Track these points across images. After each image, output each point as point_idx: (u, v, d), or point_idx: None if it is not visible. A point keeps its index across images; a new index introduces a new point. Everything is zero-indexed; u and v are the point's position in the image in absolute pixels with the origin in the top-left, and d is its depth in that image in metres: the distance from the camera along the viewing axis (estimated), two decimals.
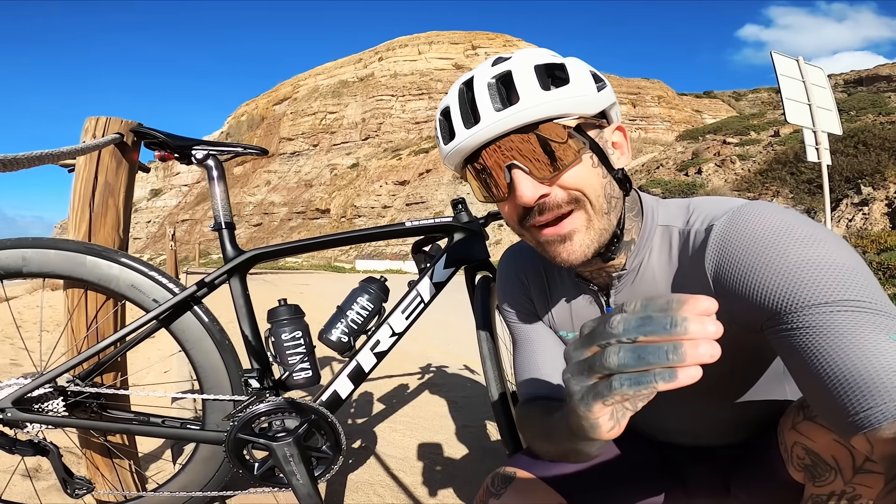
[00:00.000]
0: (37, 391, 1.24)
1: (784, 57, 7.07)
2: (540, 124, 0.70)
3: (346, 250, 37.44)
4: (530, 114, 0.69)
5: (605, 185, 0.75)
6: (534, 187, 0.71)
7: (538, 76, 0.71)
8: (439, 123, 0.80)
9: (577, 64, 0.74)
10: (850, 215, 13.88)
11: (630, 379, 0.43)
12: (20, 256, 1.27)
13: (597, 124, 0.76)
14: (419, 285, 1.48)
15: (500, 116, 0.70)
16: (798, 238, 0.64)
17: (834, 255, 0.61)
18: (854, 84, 43.11)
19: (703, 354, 0.39)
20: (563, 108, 0.70)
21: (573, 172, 0.72)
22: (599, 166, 0.75)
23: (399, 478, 1.91)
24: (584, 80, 0.73)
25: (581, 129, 0.73)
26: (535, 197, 0.71)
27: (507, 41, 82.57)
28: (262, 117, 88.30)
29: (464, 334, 5.19)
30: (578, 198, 0.73)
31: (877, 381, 0.51)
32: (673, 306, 0.41)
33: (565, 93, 0.70)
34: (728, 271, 0.69)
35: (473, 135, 0.72)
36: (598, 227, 0.74)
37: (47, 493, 1.68)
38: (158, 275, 1.35)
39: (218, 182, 1.43)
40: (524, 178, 0.71)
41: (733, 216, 0.71)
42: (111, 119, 1.43)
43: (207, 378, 1.38)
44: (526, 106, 0.69)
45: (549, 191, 0.72)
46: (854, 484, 0.66)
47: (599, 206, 0.74)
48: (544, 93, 0.70)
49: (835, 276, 0.59)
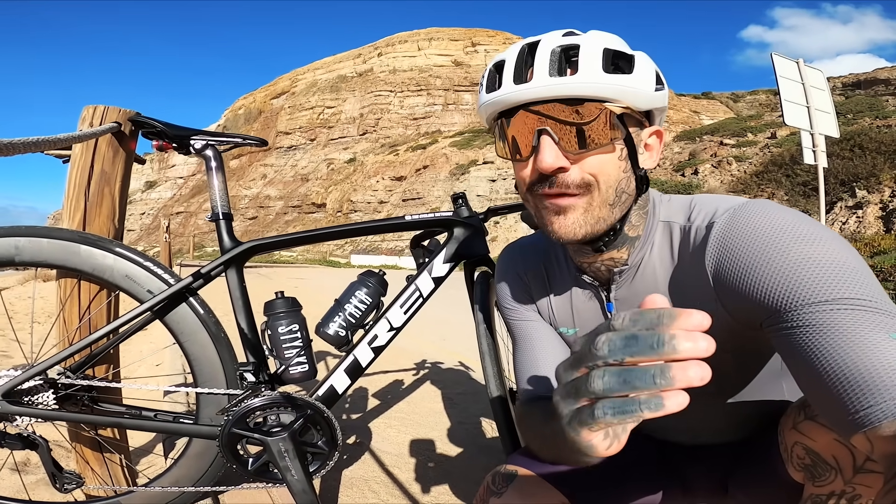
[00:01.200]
0: (27, 383, 1.22)
1: (784, 59, 7.08)
2: (587, 101, 0.69)
3: (342, 245, 37.41)
4: (583, 88, 0.68)
5: (621, 179, 0.74)
6: (556, 157, 0.70)
7: (604, 57, 0.70)
8: (488, 73, 0.77)
9: (644, 59, 0.73)
10: (844, 218, 13.96)
11: (614, 407, 0.41)
12: (13, 245, 1.25)
13: (639, 120, 0.76)
14: (418, 280, 1.47)
15: (553, 83, 0.69)
16: (799, 236, 0.63)
17: (835, 254, 0.61)
18: (852, 87, 43.31)
19: (692, 378, 0.37)
20: (616, 94, 0.70)
21: (598, 157, 0.72)
22: (626, 160, 0.74)
23: (394, 474, 1.90)
24: (645, 76, 0.72)
25: (623, 119, 0.72)
26: (553, 166, 0.70)
27: (507, 38, 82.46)
28: (259, 111, 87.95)
29: (460, 331, 5.18)
30: (590, 183, 0.72)
31: (877, 379, 0.51)
32: (663, 321, 0.39)
33: (624, 80, 0.70)
34: (728, 268, 0.68)
35: (520, 91, 0.71)
36: (596, 213, 0.74)
37: (36, 486, 1.66)
38: (154, 265, 1.33)
39: (216, 173, 1.40)
40: (551, 145, 0.70)
41: (734, 213, 0.71)
42: (109, 108, 1.41)
43: (202, 371, 1.36)
44: (580, 80, 0.68)
45: (569, 166, 0.71)
46: (854, 483, 0.66)
47: (606, 196, 0.73)
48: (604, 74, 0.69)
49: (835, 275, 0.59)
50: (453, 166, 40.79)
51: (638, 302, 0.53)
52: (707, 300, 0.73)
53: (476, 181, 37.01)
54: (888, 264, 7.50)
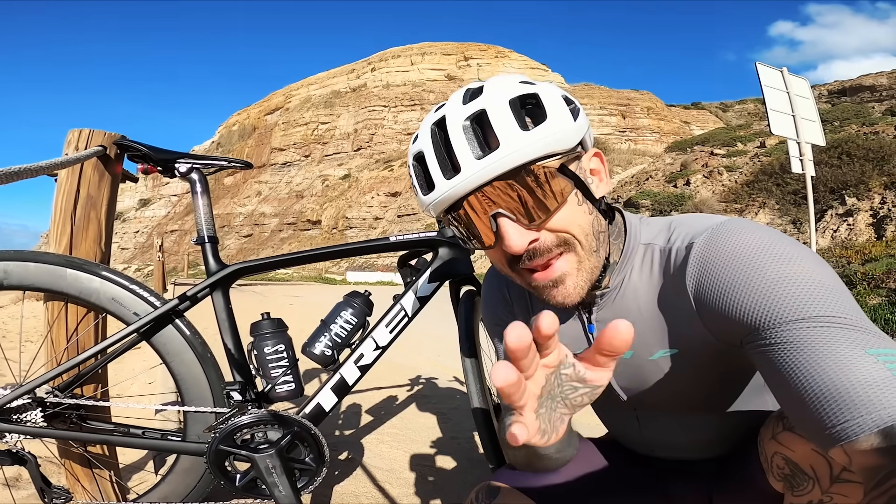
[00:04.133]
0: (15, 402, 1.24)
1: (769, 68, 7.18)
2: (523, 168, 0.68)
3: (338, 262, 37.29)
4: (512, 160, 0.66)
5: (591, 222, 0.74)
6: (521, 235, 0.69)
7: (514, 113, 0.68)
8: (413, 169, 0.76)
9: (550, 92, 0.72)
10: (835, 226, 14.07)
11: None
12: (1, 269, 1.27)
13: (577, 156, 0.74)
14: (403, 299, 1.49)
15: (482, 165, 0.67)
16: (775, 255, 0.65)
17: (809, 272, 0.62)
18: (838, 94, 43.82)
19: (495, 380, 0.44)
20: (545, 149, 0.68)
21: (560, 214, 0.70)
22: (584, 202, 0.73)
23: (385, 489, 1.90)
24: (560, 112, 0.70)
25: (564, 167, 0.71)
26: (524, 245, 0.69)
27: (499, 52, 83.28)
28: (253, 127, 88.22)
29: (453, 346, 5.16)
30: (567, 240, 0.72)
31: (852, 394, 0.52)
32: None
33: (546, 131, 0.67)
34: (708, 288, 0.70)
35: (455, 186, 0.69)
36: (588, 266, 0.74)
37: (26, 501, 1.66)
38: (140, 288, 1.35)
39: (202, 196, 1.43)
40: (511, 226, 0.69)
41: (712, 234, 0.72)
42: (94, 131, 1.44)
43: (189, 390, 1.38)
44: (508, 152, 0.66)
45: (538, 236, 0.71)
46: (831, 493, 0.66)
47: (588, 246, 0.74)
48: (524, 134, 0.67)
49: (810, 293, 0.60)
50: None
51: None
52: (690, 320, 0.74)
53: None
54: (880, 271, 7.54)
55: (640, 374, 0.84)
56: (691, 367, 0.80)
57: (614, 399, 0.90)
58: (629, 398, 0.89)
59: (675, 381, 0.82)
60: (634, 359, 0.83)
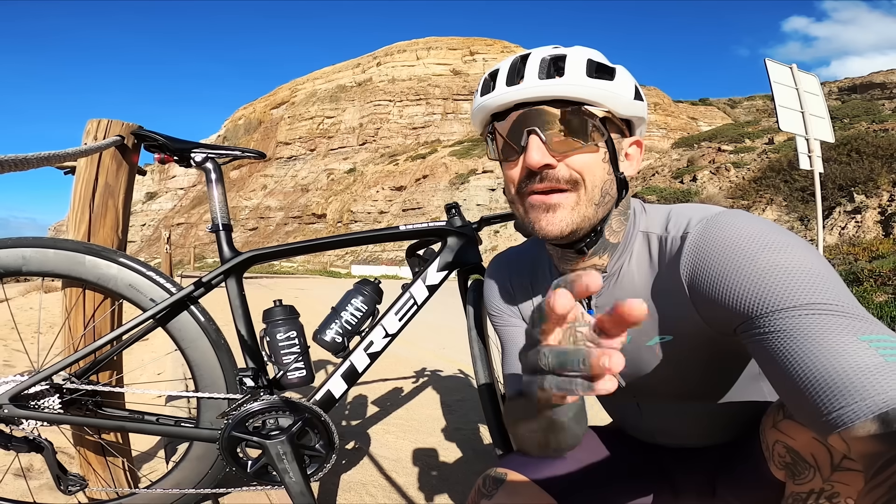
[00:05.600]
0: (33, 388, 1.26)
1: (778, 64, 7.13)
2: (573, 104, 0.75)
3: (342, 255, 37.38)
4: (569, 90, 0.74)
5: (605, 181, 0.78)
6: (543, 154, 0.75)
7: (588, 66, 0.76)
8: (483, 81, 0.83)
9: (624, 72, 0.80)
10: (842, 223, 13.98)
11: (557, 383, 0.46)
12: (20, 255, 1.29)
13: (620, 128, 0.81)
14: (412, 288, 1.51)
15: (542, 84, 0.74)
16: (767, 244, 0.66)
17: (802, 261, 0.63)
18: (848, 91, 43.42)
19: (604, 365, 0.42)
20: (598, 98, 0.75)
21: (583, 157, 0.76)
22: (608, 163, 0.79)
23: (392, 478, 1.93)
24: (626, 84, 0.78)
25: (605, 123, 0.77)
26: (541, 162, 0.74)
27: (505, 47, 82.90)
28: (259, 121, 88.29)
29: (458, 338, 5.21)
30: (577, 181, 0.76)
31: (846, 381, 0.52)
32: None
33: (606, 85, 0.75)
34: (702, 277, 0.71)
35: (512, 92, 0.76)
36: (583, 212, 0.77)
37: (39, 491, 1.70)
38: (156, 275, 1.37)
39: (216, 185, 1.45)
40: (538, 143, 0.75)
41: (707, 224, 0.74)
42: (112, 121, 1.46)
43: (203, 377, 1.40)
44: (568, 82, 0.74)
45: (556, 163, 0.75)
46: (832, 482, 0.67)
47: (592, 195, 0.77)
48: (588, 78, 0.75)
49: (803, 281, 0.61)
50: (453, 176, 40.87)
51: None
52: (684, 308, 0.76)
53: (476, 190, 37.07)
54: (887, 268, 7.51)
55: (637, 359, 0.86)
56: (685, 354, 0.82)
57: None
58: (628, 384, 0.91)
59: (671, 367, 0.84)
60: (632, 344, 0.85)
